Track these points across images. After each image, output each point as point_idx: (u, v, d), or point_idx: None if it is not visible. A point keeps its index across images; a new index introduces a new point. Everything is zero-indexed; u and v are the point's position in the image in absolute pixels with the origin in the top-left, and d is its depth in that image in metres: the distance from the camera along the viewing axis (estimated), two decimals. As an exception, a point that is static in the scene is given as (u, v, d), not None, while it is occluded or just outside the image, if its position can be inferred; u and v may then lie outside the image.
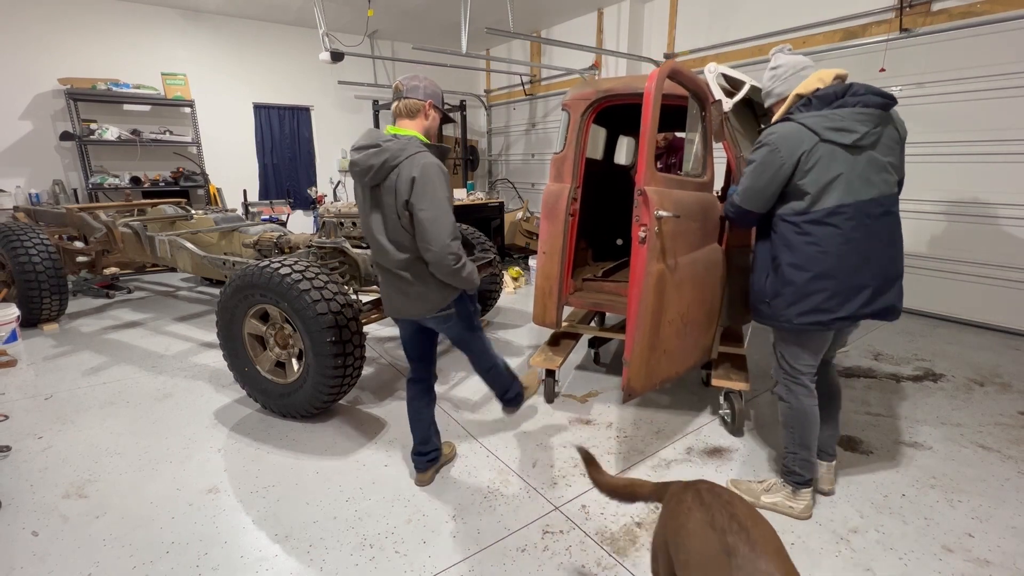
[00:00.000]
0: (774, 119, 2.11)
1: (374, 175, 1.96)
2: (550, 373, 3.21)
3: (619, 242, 4.52)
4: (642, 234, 2.18)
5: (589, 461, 1.72)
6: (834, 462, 2.35)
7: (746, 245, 2.76)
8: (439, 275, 2.03)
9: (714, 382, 2.86)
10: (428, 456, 2.42)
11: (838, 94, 1.91)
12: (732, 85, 2.77)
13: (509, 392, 2.60)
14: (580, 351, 3.99)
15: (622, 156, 4.67)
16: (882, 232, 1.98)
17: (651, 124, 2.20)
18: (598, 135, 4.25)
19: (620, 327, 3.54)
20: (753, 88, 2.78)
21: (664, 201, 2.24)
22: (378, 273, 2.21)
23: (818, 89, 1.94)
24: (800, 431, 2.15)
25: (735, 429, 2.85)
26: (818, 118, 1.89)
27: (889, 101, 1.94)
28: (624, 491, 1.68)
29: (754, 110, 3.14)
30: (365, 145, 1.99)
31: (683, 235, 2.39)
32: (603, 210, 4.18)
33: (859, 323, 2.12)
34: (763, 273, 2.11)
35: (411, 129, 2.05)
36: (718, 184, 3.24)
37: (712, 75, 2.66)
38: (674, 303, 2.40)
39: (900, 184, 2.13)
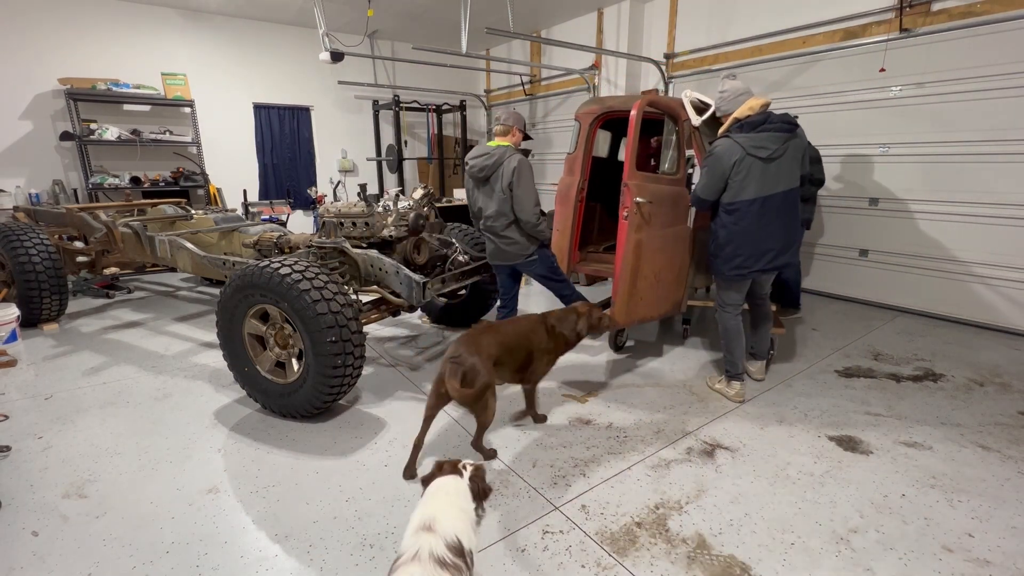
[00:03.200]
0: (720, 132, 3.05)
1: (487, 171, 3.19)
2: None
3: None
4: (625, 214, 3.20)
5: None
6: (763, 362, 3.51)
7: (706, 227, 3.59)
8: (526, 229, 3.25)
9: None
10: None
11: (760, 122, 2.83)
12: (704, 104, 3.56)
13: None
14: (580, 361, 3.99)
15: (623, 155, 5.08)
16: (782, 214, 2.96)
17: (634, 139, 3.21)
18: (603, 138, 5.05)
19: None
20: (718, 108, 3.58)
21: (642, 191, 3.23)
22: (487, 236, 3.41)
23: (749, 116, 2.86)
24: (727, 341, 3.26)
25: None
26: (746, 138, 2.85)
27: (793, 127, 2.89)
28: None
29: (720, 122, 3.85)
30: (481, 154, 3.24)
31: (656, 216, 3.36)
32: (607, 198, 4.92)
33: (776, 272, 3.13)
34: (712, 243, 3.15)
35: (505, 141, 3.27)
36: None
37: (686, 99, 3.49)
38: (648, 264, 3.39)
39: (811, 179, 3.34)
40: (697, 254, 3.73)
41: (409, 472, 2.47)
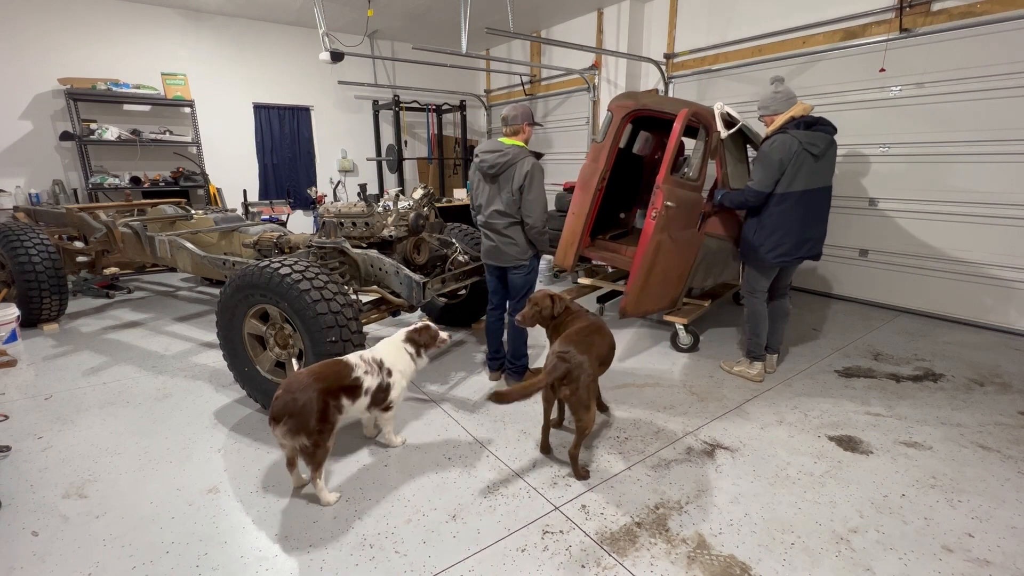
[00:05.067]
0: (771, 129, 3.30)
1: (498, 169, 3.05)
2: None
3: (622, 215, 5.45)
4: (654, 214, 3.38)
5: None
6: (775, 356, 3.71)
7: (715, 235, 3.93)
8: (530, 235, 3.13)
9: (665, 317, 4.13)
10: (498, 360, 3.54)
11: (813, 122, 3.18)
12: (730, 119, 3.82)
13: (518, 360, 3.43)
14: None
15: (636, 147, 5.56)
16: (821, 207, 3.32)
17: (674, 145, 3.38)
18: (626, 130, 5.04)
19: (612, 278, 4.92)
20: (744, 125, 3.91)
21: (671, 195, 3.45)
22: (486, 233, 3.26)
23: (804, 116, 3.19)
24: (753, 324, 3.53)
25: (691, 347, 4.08)
26: (802, 135, 3.14)
27: (834, 131, 3.25)
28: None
29: (744, 136, 4.21)
30: (492, 150, 3.09)
31: (676, 219, 3.57)
32: (618, 188, 5.05)
33: (811, 260, 3.44)
34: (757, 233, 3.36)
35: (517, 141, 3.11)
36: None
37: (718, 111, 3.76)
38: (661, 263, 3.61)
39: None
40: (699, 258, 3.90)
41: (544, 448, 2.70)
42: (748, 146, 4.38)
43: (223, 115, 7.45)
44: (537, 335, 4.31)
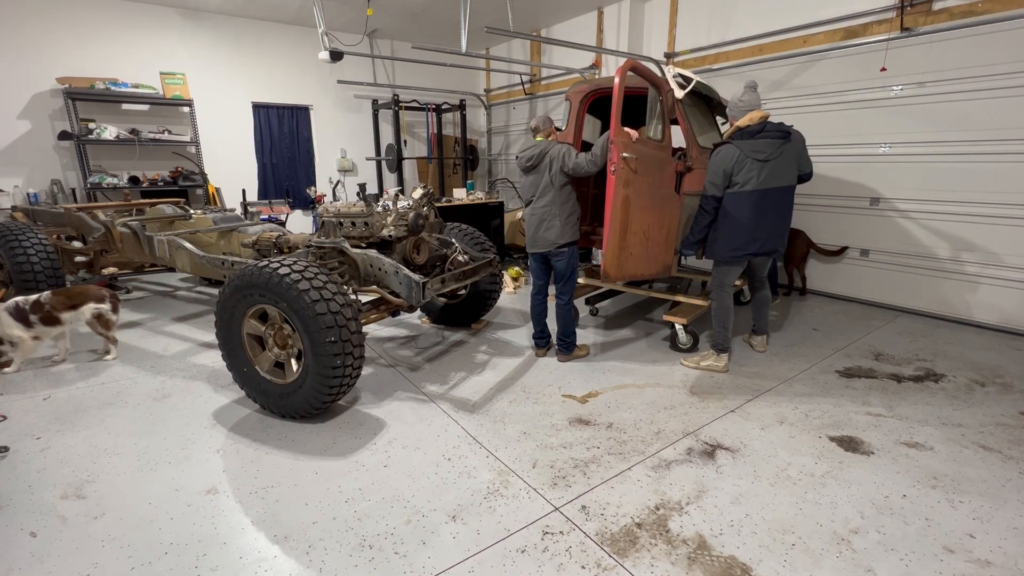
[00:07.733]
0: (725, 136, 3.53)
1: (534, 160, 3.55)
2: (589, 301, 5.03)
3: None
4: (613, 168, 3.29)
5: None
6: (764, 336, 4.04)
7: (696, 193, 3.81)
8: (587, 163, 3.39)
9: (665, 317, 4.09)
10: (544, 339, 3.95)
11: (758, 131, 3.35)
12: (686, 80, 3.90)
13: (568, 337, 3.83)
14: (580, 362, 3.98)
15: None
16: (777, 205, 3.42)
17: (618, 100, 3.23)
18: (596, 125, 5.25)
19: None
20: (699, 83, 3.97)
21: (627, 149, 3.35)
22: (529, 221, 3.66)
23: (749, 125, 3.37)
24: (721, 318, 3.65)
25: (690, 347, 4.06)
26: (745, 144, 3.35)
27: (786, 134, 3.36)
28: None
29: (705, 99, 4.31)
30: (528, 147, 3.62)
31: (643, 176, 3.51)
32: (599, 183, 5.06)
33: (769, 256, 3.59)
34: (714, 229, 3.54)
35: (544, 137, 3.64)
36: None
37: (670, 74, 3.90)
38: (637, 221, 3.54)
39: (810, 175, 3.59)
40: (684, 220, 3.97)
41: None
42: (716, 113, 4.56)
43: (222, 114, 7.44)
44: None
